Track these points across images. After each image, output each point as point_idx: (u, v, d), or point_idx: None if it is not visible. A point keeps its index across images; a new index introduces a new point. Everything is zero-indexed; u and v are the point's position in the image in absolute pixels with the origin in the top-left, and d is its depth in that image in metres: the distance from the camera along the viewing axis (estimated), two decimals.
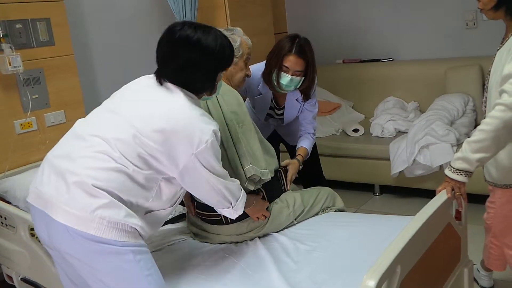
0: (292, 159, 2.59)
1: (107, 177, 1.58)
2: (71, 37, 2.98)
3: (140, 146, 1.62)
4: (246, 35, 2.30)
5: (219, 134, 1.71)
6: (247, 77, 2.34)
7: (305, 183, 2.98)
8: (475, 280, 2.51)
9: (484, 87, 2.09)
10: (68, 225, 1.55)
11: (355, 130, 4.09)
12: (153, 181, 1.67)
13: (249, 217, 2.12)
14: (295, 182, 2.55)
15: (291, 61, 2.49)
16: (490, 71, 2.00)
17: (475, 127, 3.59)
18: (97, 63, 3.47)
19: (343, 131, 4.18)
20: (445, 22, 4.20)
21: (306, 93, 2.66)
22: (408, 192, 3.79)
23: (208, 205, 1.88)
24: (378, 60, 4.53)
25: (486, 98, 2.03)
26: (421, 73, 4.21)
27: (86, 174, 1.58)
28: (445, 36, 4.23)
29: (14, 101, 2.74)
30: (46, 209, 1.61)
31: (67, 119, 2.96)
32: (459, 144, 3.36)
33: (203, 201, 1.88)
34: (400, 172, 3.57)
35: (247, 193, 1.94)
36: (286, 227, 2.27)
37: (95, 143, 1.63)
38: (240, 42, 2.23)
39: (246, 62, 2.31)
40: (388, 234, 1.98)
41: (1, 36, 2.60)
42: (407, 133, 3.68)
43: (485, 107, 2.05)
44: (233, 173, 2.02)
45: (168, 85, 1.73)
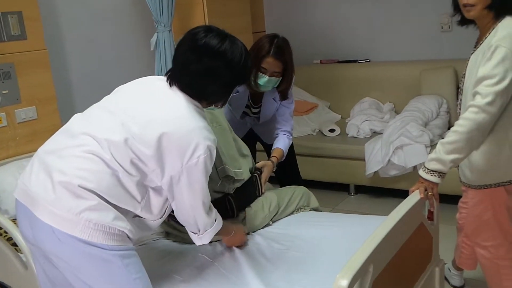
0: (267, 160, 2.58)
1: (96, 179, 1.54)
2: (44, 31, 2.91)
3: (132, 150, 1.57)
4: None
5: (214, 152, 1.65)
6: None
7: (281, 182, 2.97)
8: (446, 279, 2.54)
9: (458, 89, 2.11)
10: (54, 226, 1.52)
11: (331, 130, 4.11)
12: (142, 189, 1.63)
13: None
14: (271, 181, 2.54)
15: (269, 62, 2.48)
16: (464, 74, 2.02)
17: (448, 128, 3.64)
18: (70, 58, 3.41)
19: (319, 131, 4.20)
20: (421, 25, 4.26)
21: (283, 93, 2.66)
22: (383, 192, 3.82)
23: None
24: (355, 61, 4.56)
25: (461, 100, 2.05)
26: (397, 75, 4.25)
27: (74, 174, 1.53)
28: (420, 38, 4.29)
29: None
30: (32, 207, 1.56)
31: (38, 115, 2.88)
32: (433, 145, 3.40)
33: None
34: (375, 172, 3.60)
35: (234, 218, 1.90)
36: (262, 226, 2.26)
37: (85, 142, 1.58)
38: None
39: None
40: (362, 234, 1.97)
41: None
42: (382, 133, 3.72)
43: (459, 109, 2.07)
44: None
45: (176, 90, 1.67)
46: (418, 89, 4.02)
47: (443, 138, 1.91)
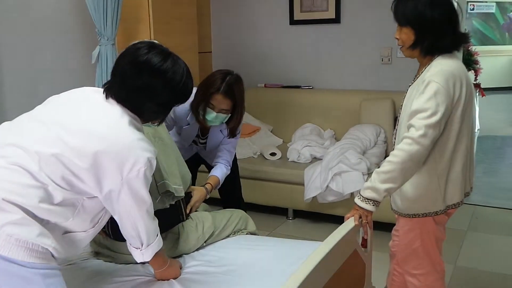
0: (201, 186, 2.54)
1: (22, 192, 1.46)
2: None
3: (65, 164, 1.51)
4: None
5: (154, 162, 1.62)
6: None
7: (224, 204, 2.96)
8: None
9: (395, 120, 2.18)
10: None
11: (273, 154, 4.13)
12: (75, 201, 1.56)
13: None
14: (214, 203, 2.50)
15: (217, 99, 2.48)
16: (402, 105, 2.09)
17: (385, 157, 3.74)
18: (5, 64, 3.26)
19: (260, 154, 4.22)
20: (362, 56, 4.40)
21: (232, 131, 2.67)
22: (320, 217, 3.86)
23: None
24: (298, 87, 4.64)
25: (396, 130, 2.12)
26: (338, 103, 4.35)
27: None
28: (362, 69, 4.42)
29: None
30: None
31: None
32: (370, 173, 3.48)
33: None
34: (314, 197, 3.63)
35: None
36: (197, 248, 2.22)
37: (12, 154, 1.50)
38: None
39: None
40: (297, 259, 1.99)
41: None
42: (322, 159, 3.77)
43: (395, 139, 2.13)
44: None
45: (113, 103, 1.62)
46: (358, 117, 4.13)
47: (379, 167, 1.96)
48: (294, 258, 2.02)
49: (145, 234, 1.71)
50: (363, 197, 1.94)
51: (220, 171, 2.69)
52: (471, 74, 6.29)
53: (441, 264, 2.13)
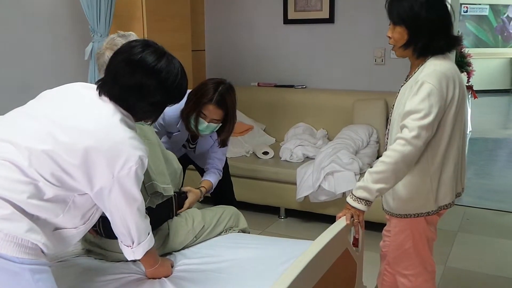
0: (196, 188, 2.52)
1: (11, 187, 1.45)
2: None
3: (55, 161, 1.49)
4: None
5: (146, 161, 1.61)
6: None
7: (215, 203, 2.95)
8: None
9: (387, 120, 2.18)
10: None
11: (265, 153, 4.13)
12: (66, 197, 1.55)
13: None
14: (205, 201, 2.49)
15: (209, 110, 2.47)
16: (393, 105, 2.10)
17: (377, 157, 3.76)
18: None
19: (253, 153, 4.22)
20: (356, 57, 4.40)
21: (223, 141, 2.67)
22: (312, 216, 3.87)
23: None
24: (291, 86, 4.64)
25: (388, 130, 2.12)
26: (331, 103, 4.36)
27: None
28: (355, 69, 4.43)
29: None
30: None
31: None
32: (362, 173, 3.49)
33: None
34: (306, 196, 3.64)
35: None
36: (188, 245, 2.22)
37: (2, 149, 1.49)
38: None
39: None
40: (288, 258, 1.99)
41: None
42: (314, 159, 3.78)
43: (387, 139, 2.14)
44: None
45: (106, 100, 1.61)
46: (351, 118, 4.14)
47: (371, 167, 1.96)
48: (286, 257, 2.02)
49: (136, 232, 1.70)
50: (355, 196, 1.95)
51: (214, 176, 2.70)
52: (463, 76, 6.32)
53: (432, 265, 2.14)
